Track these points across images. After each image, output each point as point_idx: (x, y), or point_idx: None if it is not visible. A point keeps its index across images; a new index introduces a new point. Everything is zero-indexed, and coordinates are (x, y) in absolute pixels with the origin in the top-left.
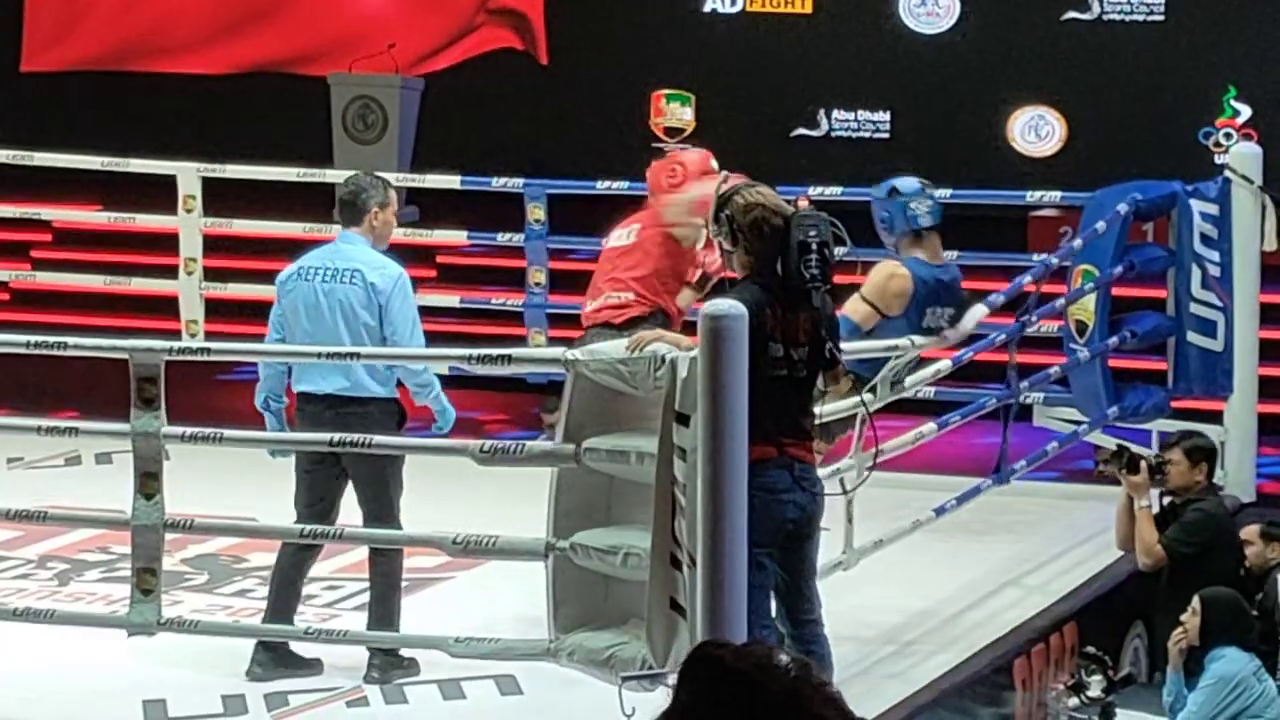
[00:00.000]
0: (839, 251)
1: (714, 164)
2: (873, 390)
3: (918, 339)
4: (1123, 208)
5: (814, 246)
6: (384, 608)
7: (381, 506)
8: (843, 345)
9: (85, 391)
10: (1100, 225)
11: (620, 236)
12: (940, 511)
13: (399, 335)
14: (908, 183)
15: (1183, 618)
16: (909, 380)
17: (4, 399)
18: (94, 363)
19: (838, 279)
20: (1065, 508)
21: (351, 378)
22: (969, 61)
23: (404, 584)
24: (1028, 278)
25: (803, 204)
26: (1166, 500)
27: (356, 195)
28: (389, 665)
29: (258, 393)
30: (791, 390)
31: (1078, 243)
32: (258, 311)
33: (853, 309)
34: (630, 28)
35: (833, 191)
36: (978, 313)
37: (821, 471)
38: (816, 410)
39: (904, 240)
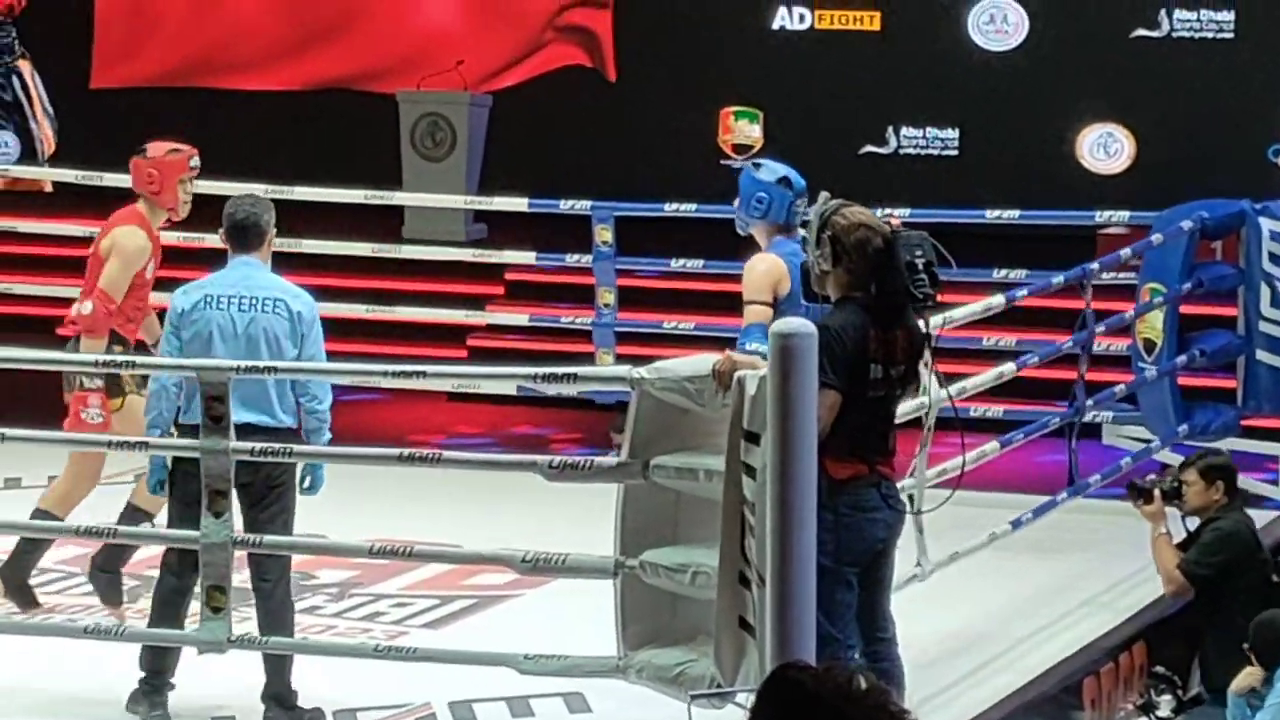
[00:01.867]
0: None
1: (194, 163)
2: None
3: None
4: (1187, 224)
5: (920, 266)
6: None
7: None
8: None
9: None
10: (1156, 237)
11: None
12: (1017, 525)
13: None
14: (797, 178)
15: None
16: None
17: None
18: None
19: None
20: (1132, 525)
21: (267, 408)
22: (1038, 78)
23: (473, 601)
24: (1049, 283)
25: (895, 223)
26: (1191, 524)
27: (258, 218)
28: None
29: (147, 424)
30: (883, 409)
31: (1126, 252)
32: (326, 328)
33: (755, 315)
34: (699, 45)
35: (901, 211)
36: None
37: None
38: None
39: (770, 228)
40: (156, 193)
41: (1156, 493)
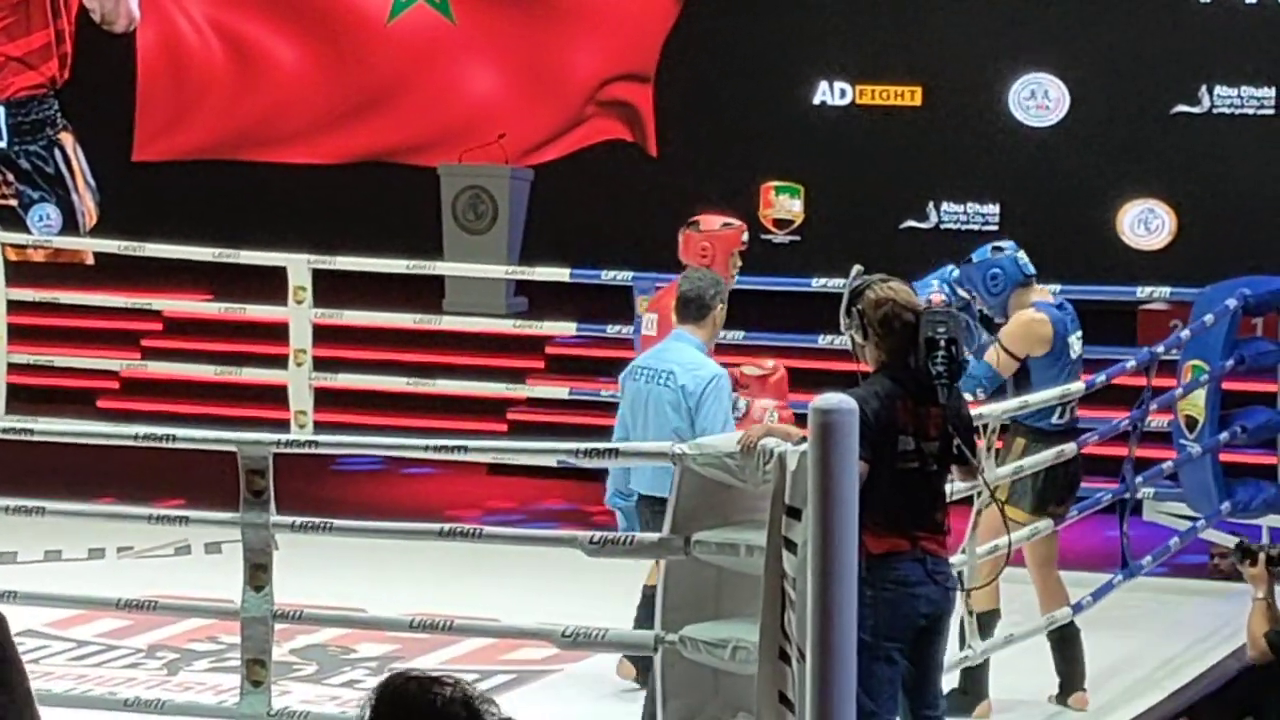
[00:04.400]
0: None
1: (745, 237)
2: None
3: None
4: (1231, 303)
5: (942, 343)
6: None
7: None
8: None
9: (195, 480)
10: (1209, 318)
11: (648, 324)
12: (1078, 609)
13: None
14: (1002, 241)
15: None
16: (1028, 464)
17: (114, 487)
18: (204, 451)
19: None
20: (1174, 602)
21: (658, 479)
22: (1078, 154)
23: (513, 676)
24: (1126, 365)
25: (936, 300)
26: None
27: (701, 293)
28: None
29: (607, 488)
30: (924, 483)
31: (1185, 333)
32: (366, 401)
33: (993, 357)
34: (739, 119)
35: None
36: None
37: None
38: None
39: (1016, 290)
40: (710, 264)
41: (1262, 556)
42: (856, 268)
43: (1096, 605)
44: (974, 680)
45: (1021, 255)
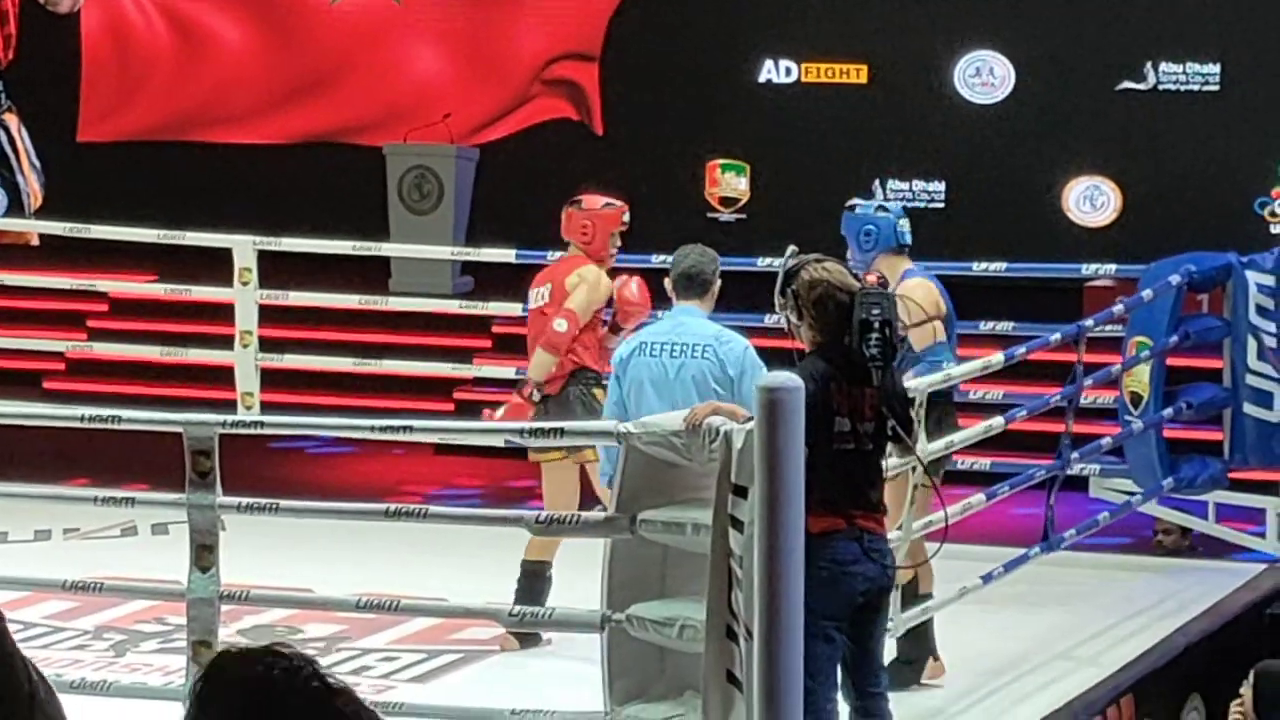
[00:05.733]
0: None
1: (625, 218)
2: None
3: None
4: (1175, 278)
5: (876, 325)
6: None
7: None
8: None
9: (141, 461)
10: (1147, 293)
11: (538, 297)
12: (988, 579)
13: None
14: (890, 204)
15: (1241, 690)
16: (958, 439)
17: (60, 470)
18: (150, 432)
19: None
20: (1120, 579)
21: None
22: (1023, 131)
23: (460, 655)
24: (1049, 339)
25: (871, 280)
26: None
27: (702, 268)
28: None
29: (600, 474)
30: (860, 463)
31: (1119, 308)
32: (313, 381)
33: (930, 332)
34: (685, 98)
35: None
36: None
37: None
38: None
39: (886, 254)
40: (588, 243)
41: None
42: (791, 248)
43: (1036, 581)
44: (916, 645)
45: (904, 223)
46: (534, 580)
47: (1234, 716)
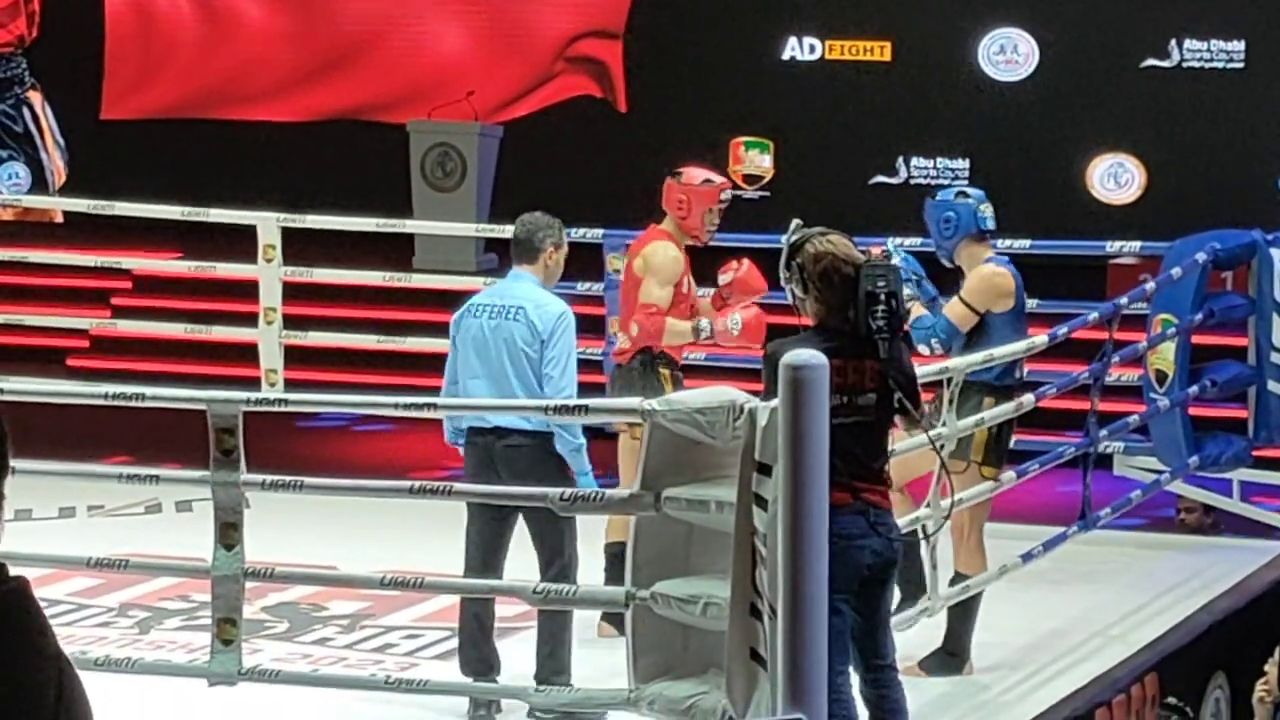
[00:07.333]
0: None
1: (725, 196)
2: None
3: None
4: (1201, 256)
5: (882, 297)
6: (555, 662)
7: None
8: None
9: (166, 438)
10: (1176, 271)
11: (624, 264)
12: (1028, 558)
13: (550, 374)
14: (970, 188)
15: (1266, 668)
16: (989, 416)
17: (84, 447)
18: (175, 409)
19: None
20: (1144, 557)
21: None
22: (1048, 109)
23: None
24: (1088, 318)
25: (875, 252)
26: None
27: (533, 234)
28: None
29: (445, 431)
30: (862, 435)
31: (1150, 285)
32: (337, 359)
33: (954, 311)
34: (709, 75)
35: (912, 241)
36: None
37: (904, 518)
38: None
39: (967, 240)
40: (684, 217)
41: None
42: (795, 221)
43: (1061, 559)
44: (957, 640)
45: (985, 209)
46: (617, 562)
47: (1259, 694)
